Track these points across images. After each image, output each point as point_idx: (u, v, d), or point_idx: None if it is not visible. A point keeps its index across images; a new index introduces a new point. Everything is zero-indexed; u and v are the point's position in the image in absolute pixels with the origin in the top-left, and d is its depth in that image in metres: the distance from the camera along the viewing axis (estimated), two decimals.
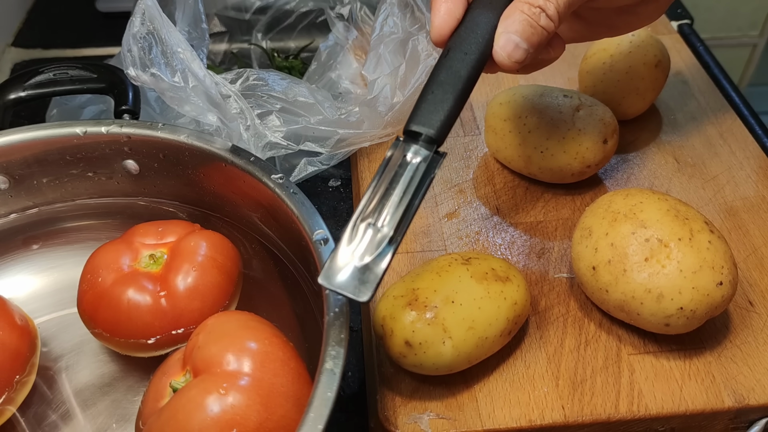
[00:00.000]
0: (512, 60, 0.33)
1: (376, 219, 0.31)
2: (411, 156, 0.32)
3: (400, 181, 0.32)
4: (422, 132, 0.32)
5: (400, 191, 0.31)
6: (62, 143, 0.43)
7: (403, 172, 0.32)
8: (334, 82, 0.57)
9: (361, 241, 0.30)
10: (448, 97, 0.33)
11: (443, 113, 0.33)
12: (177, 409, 0.31)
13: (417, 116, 0.33)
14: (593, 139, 0.47)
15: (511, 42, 0.33)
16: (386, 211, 0.31)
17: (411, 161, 0.32)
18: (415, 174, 0.32)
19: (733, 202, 0.49)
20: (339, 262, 0.30)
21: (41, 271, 0.45)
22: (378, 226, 0.31)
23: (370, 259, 0.30)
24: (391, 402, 0.38)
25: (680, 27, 0.66)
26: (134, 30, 0.41)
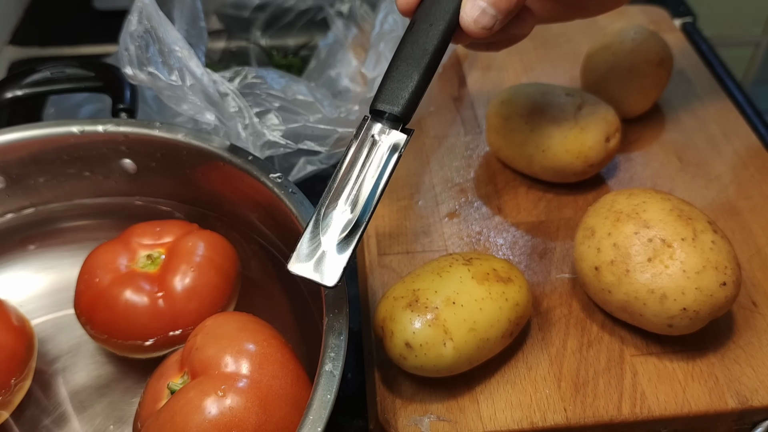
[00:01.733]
0: (479, 26, 0.33)
1: (345, 201, 0.31)
2: (377, 135, 0.32)
3: (367, 162, 0.31)
4: (387, 110, 0.32)
5: (368, 172, 0.31)
6: (59, 142, 0.43)
7: (370, 153, 0.32)
8: (334, 80, 0.56)
9: (329, 225, 0.30)
10: (412, 73, 0.32)
11: (408, 90, 0.32)
12: (175, 411, 0.31)
13: (382, 94, 0.32)
14: (596, 138, 0.46)
15: (478, 7, 0.33)
16: (354, 192, 0.31)
17: (378, 140, 0.32)
18: (379, 154, 0.31)
19: (736, 201, 0.49)
20: (306, 248, 0.30)
21: (38, 272, 0.44)
22: (346, 208, 0.30)
23: (337, 243, 0.30)
24: (391, 404, 0.38)
25: (683, 25, 0.66)
26: (131, 28, 0.41)
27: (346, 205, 0.31)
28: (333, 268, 0.30)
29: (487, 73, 0.60)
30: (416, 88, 0.32)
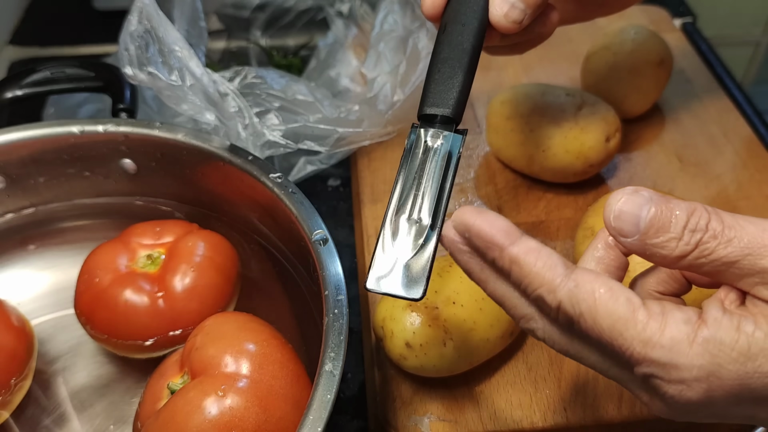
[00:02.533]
0: (509, 20, 0.33)
1: (411, 211, 0.29)
2: (431, 140, 0.31)
3: (427, 167, 0.30)
4: (438, 113, 0.31)
5: (429, 178, 0.30)
6: (59, 142, 0.43)
7: (427, 159, 0.31)
8: (334, 80, 0.56)
9: (401, 236, 0.29)
10: (456, 73, 0.32)
11: (455, 90, 0.32)
12: (175, 411, 0.31)
13: (429, 98, 0.32)
14: (596, 138, 0.46)
15: (507, 2, 0.33)
16: (419, 200, 0.30)
17: (433, 146, 0.31)
18: (439, 157, 0.31)
19: (736, 201, 0.49)
20: (383, 263, 0.28)
21: (38, 272, 0.44)
22: (415, 218, 0.29)
23: (414, 253, 0.29)
24: (391, 404, 0.38)
25: (683, 25, 0.66)
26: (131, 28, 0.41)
27: (416, 213, 0.29)
28: (416, 281, 0.28)
29: (487, 73, 0.60)
30: (463, 87, 0.32)
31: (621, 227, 0.24)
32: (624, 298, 0.23)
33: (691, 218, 0.24)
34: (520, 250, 0.25)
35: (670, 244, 0.24)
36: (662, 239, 0.24)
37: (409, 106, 0.50)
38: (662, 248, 0.24)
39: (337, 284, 0.33)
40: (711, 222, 0.24)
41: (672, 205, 0.24)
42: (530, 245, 0.25)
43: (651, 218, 0.24)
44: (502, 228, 0.25)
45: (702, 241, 0.23)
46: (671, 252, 0.24)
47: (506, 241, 0.25)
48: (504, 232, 0.25)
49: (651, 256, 0.24)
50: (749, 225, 0.23)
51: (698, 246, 0.23)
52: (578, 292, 0.24)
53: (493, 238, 0.25)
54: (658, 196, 0.24)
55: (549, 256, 0.25)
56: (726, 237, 0.23)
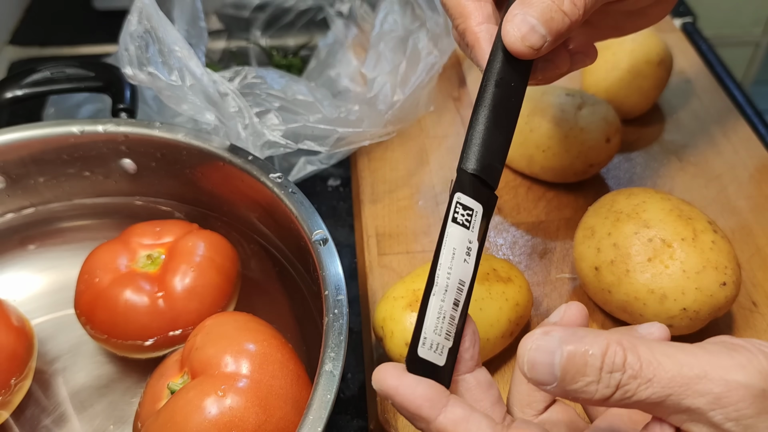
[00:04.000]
0: (526, 44, 0.29)
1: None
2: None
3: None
4: (483, 178, 0.29)
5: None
6: (59, 142, 0.43)
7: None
8: (334, 80, 0.56)
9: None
10: (502, 138, 0.29)
11: (500, 158, 0.29)
12: (175, 411, 0.31)
13: (474, 157, 0.29)
14: (596, 138, 0.46)
15: (527, 23, 0.28)
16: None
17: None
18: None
19: (736, 201, 0.49)
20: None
21: (38, 272, 0.44)
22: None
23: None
24: (391, 404, 0.37)
25: (683, 25, 0.66)
26: (131, 28, 0.41)
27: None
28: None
29: None
30: (505, 155, 0.30)
31: (537, 377, 0.23)
32: None
33: (606, 358, 0.22)
34: (448, 421, 0.24)
35: (590, 389, 0.23)
36: (581, 384, 0.23)
37: (409, 106, 0.50)
38: (583, 393, 0.23)
39: (337, 284, 0.33)
40: (627, 359, 0.22)
41: (584, 344, 0.23)
42: (458, 414, 0.24)
43: (564, 365, 0.23)
44: (425, 396, 0.24)
45: (621, 382, 0.22)
46: (592, 395, 0.23)
47: (432, 412, 0.24)
48: (431, 403, 0.24)
49: (575, 399, 0.23)
50: (667, 360, 0.22)
51: (619, 388, 0.22)
52: None
53: (419, 410, 0.24)
54: (568, 334, 0.23)
55: (479, 423, 0.24)
56: (645, 377, 0.22)
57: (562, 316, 0.27)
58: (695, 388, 0.22)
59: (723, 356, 0.22)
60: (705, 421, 0.22)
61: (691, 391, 0.22)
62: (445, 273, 0.27)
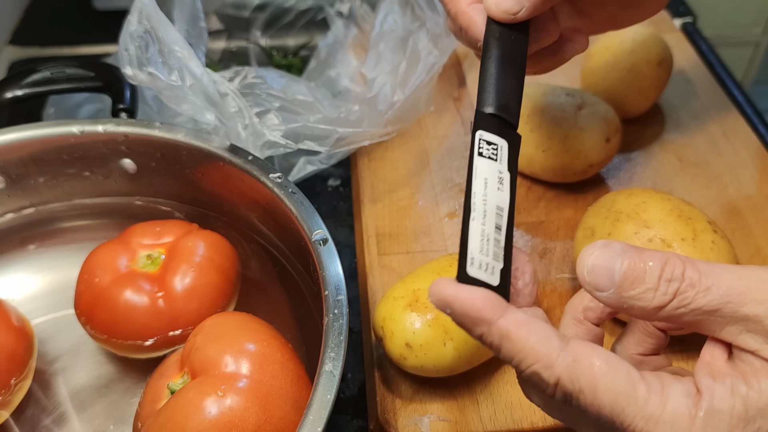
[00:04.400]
0: (500, 9, 0.31)
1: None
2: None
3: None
4: (503, 116, 0.30)
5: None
6: (59, 142, 0.43)
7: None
8: (334, 80, 0.56)
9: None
10: (514, 79, 0.31)
11: (516, 95, 0.30)
12: (175, 411, 0.31)
13: (491, 98, 0.30)
14: (596, 138, 0.46)
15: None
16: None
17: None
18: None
19: (736, 201, 0.49)
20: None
21: (38, 272, 0.44)
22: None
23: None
24: (391, 404, 0.38)
25: (683, 25, 0.66)
26: (131, 28, 0.41)
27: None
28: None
29: None
30: (520, 94, 0.31)
31: (596, 281, 0.24)
32: (623, 371, 0.23)
33: (666, 268, 0.23)
34: (510, 323, 0.23)
35: (647, 295, 0.23)
36: (638, 291, 0.23)
37: (409, 106, 0.50)
38: (639, 300, 0.23)
39: (337, 284, 0.33)
40: (686, 271, 0.23)
41: (645, 256, 0.23)
42: (520, 318, 0.24)
43: (625, 270, 0.23)
44: (488, 300, 0.24)
45: (680, 290, 0.23)
46: (649, 303, 0.23)
47: (494, 314, 0.24)
48: (492, 305, 0.24)
49: (629, 309, 0.24)
50: (725, 272, 0.23)
51: (676, 296, 0.23)
52: (576, 366, 0.23)
53: (479, 312, 0.24)
54: (629, 247, 0.24)
55: (541, 328, 0.23)
56: (704, 285, 0.23)
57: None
58: (753, 296, 0.22)
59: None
60: (762, 330, 0.22)
61: (749, 298, 0.22)
62: (481, 199, 0.27)
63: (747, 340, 0.23)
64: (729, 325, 0.23)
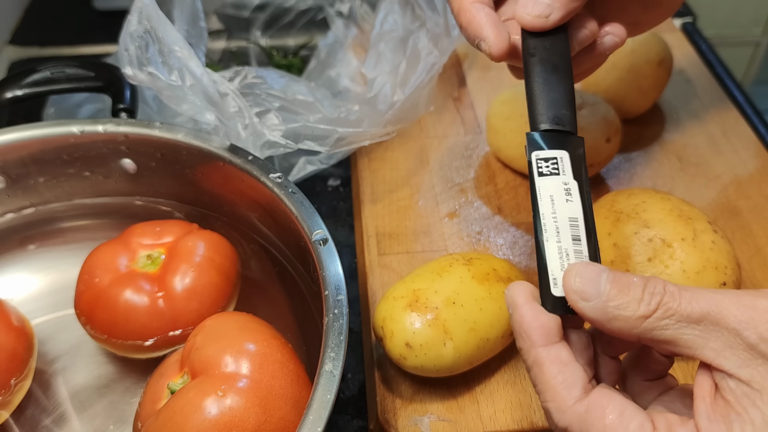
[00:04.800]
0: (532, 14, 0.31)
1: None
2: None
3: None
4: (559, 129, 0.29)
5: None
6: (59, 142, 0.43)
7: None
8: (334, 80, 0.56)
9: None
10: (563, 85, 0.30)
11: (568, 103, 0.30)
12: (175, 411, 0.31)
13: (545, 113, 0.30)
14: (596, 138, 0.46)
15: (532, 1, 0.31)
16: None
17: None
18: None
19: (736, 201, 0.49)
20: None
21: (38, 272, 0.44)
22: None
23: None
24: (391, 404, 0.38)
25: (683, 25, 0.66)
26: (131, 28, 0.41)
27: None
28: None
29: (487, 73, 0.60)
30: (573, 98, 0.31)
31: (583, 289, 0.24)
32: (635, 425, 0.23)
33: (648, 284, 0.24)
34: (549, 356, 0.25)
35: (632, 306, 0.24)
36: (624, 300, 0.24)
37: (409, 106, 0.50)
38: (624, 309, 0.24)
39: (337, 284, 0.33)
40: (667, 285, 0.24)
41: (628, 274, 0.25)
42: (561, 356, 0.25)
43: (612, 281, 0.24)
44: (543, 326, 0.25)
45: (663, 301, 0.23)
46: (633, 312, 0.24)
47: (541, 341, 0.25)
48: (544, 332, 0.25)
49: (613, 320, 0.24)
50: (700, 289, 0.24)
51: (660, 306, 0.23)
52: (587, 417, 0.24)
53: (530, 332, 0.25)
54: (611, 269, 0.25)
55: (573, 374, 0.24)
56: (685, 297, 0.23)
57: None
58: (729, 307, 0.23)
59: (752, 292, 0.24)
60: (741, 346, 0.23)
61: (726, 309, 0.23)
62: (550, 218, 0.27)
63: (728, 358, 0.23)
64: (711, 340, 0.23)
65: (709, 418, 0.23)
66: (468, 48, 0.62)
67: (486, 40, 0.32)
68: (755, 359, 0.22)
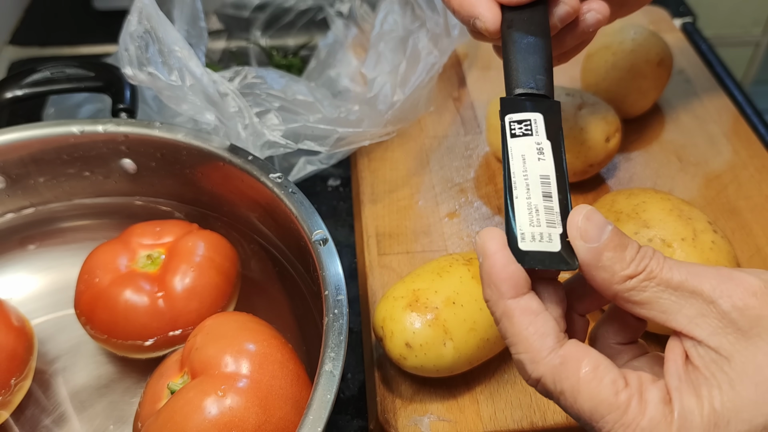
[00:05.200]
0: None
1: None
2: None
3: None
4: (534, 92, 0.29)
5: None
6: (59, 142, 0.43)
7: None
8: (334, 80, 0.56)
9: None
10: (540, 53, 0.30)
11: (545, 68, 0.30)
12: (175, 411, 0.31)
13: (518, 78, 0.29)
14: (596, 138, 0.46)
15: None
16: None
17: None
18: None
19: (736, 201, 0.49)
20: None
21: (38, 272, 0.44)
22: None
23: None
24: (391, 404, 0.38)
25: (683, 25, 0.66)
26: (131, 28, 0.41)
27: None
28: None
29: (487, 73, 0.60)
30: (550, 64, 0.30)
31: (588, 229, 0.25)
32: (609, 380, 0.23)
33: (642, 248, 0.25)
34: (519, 306, 0.24)
35: (623, 262, 0.24)
36: (618, 254, 0.24)
37: (409, 106, 0.50)
38: (615, 263, 0.24)
39: (337, 284, 0.33)
40: (656, 253, 0.25)
41: (627, 237, 0.25)
42: (531, 306, 0.24)
43: (614, 233, 0.25)
44: (512, 276, 0.24)
45: (648, 266, 0.24)
46: (622, 269, 0.24)
47: (510, 292, 0.24)
48: (513, 282, 0.24)
49: (601, 269, 0.24)
50: (683, 262, 0.25)
51: (646, 269, 0.24)
52: (562, 369, 0.24)
53: (499, 283, 0.24)
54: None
55: (545, 323, 0.24)
56: (668, 264, 0.24)
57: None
58: (707, 276, 0.24)
59: (729, 268, 0.25)
60: (713, 314, 0.23)
61: (704, 278, 0.24)
62: (521, 176, 0.27)
63: (699, 325, 0.23)
64: (686, 307, 0.24)
65: (679, 378, 0.24)
66: (468, 48, 0.62)
67: (480, 17, 0.32)
68: (725, 327, 0.23)
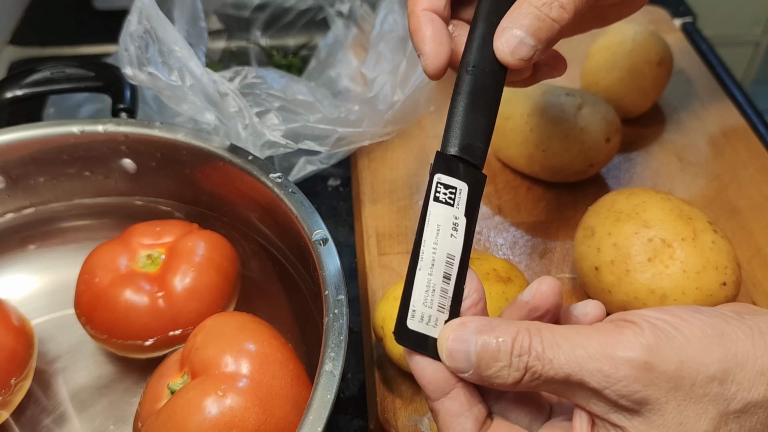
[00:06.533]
0: (516, 57, 0.30)
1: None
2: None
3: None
4: (467, 159, 0.28)
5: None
6: (59, 142, 0.43)
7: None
8: (334, 80, 0.56)
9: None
10: (482, 118, 0.29)
11: (482, 136, 0.29)
12: (175, 411, 0.31)
13: (454, 139, 0.29)
14: (596, 138, 0.46)
15: (516, 38, 0.29)
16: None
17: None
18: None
19: (736, 201, 0.49)
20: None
21: (38, 272, 0.44)
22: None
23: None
24: (391, 404, 0.38)
25: (683, 25, 0.66)
26: (131, 28, 0.41)
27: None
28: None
29: None
30: (489, 135, 0.30)
31: (456, 365, 0.25)
32: None
33: (515, 342, 0.24)
34: (442, 408, 0.26)
35: (503, 373, 0.25)
36: (494, 369, 0.25)
37: (409, 106, 0.50)
38: (497, 377, 0.25)
39: (337, 284, 0.33)
40: (532, 342, 0.24)
41: (498, 332, 0.25)
42: (452, 409, 0.26)
43: (479, 351, 0.25)
44: (431, 381, 0.26)
45: (528, 364, 0.24)
46: (506, 380, 0.25)
47: (433, 395, 0.26)
48: (433, 387, 0.26)
49: (491, 385, 0.25)
50: (564, 342, 0.24)
51: (527, 369, 0.24)
52: None
53: (423, 386, 0.26)
54: (483, 324, 0.25)
55: (464, 424, 0.25)
56: (547, 358, 0.24)
57: (533, 294, 0.27)
58: (588, 367, 0.23)
59: (613, 334, 0.24)
60: (605, 399, 0.24)
61: (586, 370, 0.23)
62: (430, 249, 0.27)
63: (596, 406, 0.24)
64: (578, 393, 0.24)
65: None
66: None
67: (424, 55, 0.31)
68: (618, 409, 0.24)
